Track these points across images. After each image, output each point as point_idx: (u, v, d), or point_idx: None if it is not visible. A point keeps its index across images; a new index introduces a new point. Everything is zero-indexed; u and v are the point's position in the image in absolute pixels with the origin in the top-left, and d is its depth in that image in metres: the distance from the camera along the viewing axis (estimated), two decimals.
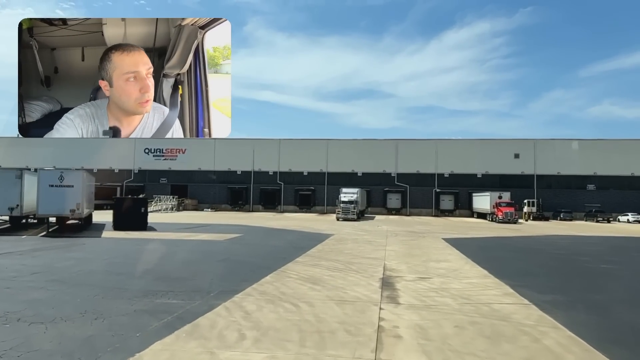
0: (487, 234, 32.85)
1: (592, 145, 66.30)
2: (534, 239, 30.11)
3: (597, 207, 63.10)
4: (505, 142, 69.20)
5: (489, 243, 26.13)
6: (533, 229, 40.25)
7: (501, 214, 51.93)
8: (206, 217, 50.56)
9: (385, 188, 70.07)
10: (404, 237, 27.98)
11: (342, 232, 30.92)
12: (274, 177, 71.35)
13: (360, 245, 22.78)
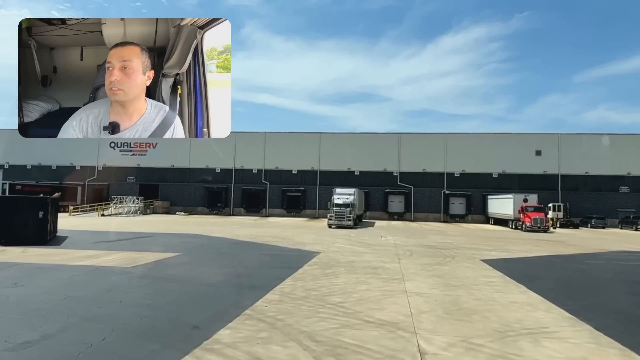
0: (534, 251, 23.68)
1: (625, 140, 57.32)
2: (608, 259, 20.93)
3: (633, 212, 54.07)
4: (524, 137, 60.13)
5: (562, 270, 16.91)
6: (582, 242, 31.09)
7: (529, 220, 42.81)
8: (170, 223, 41.23)
9: (386, 189, 60.87)
10: (424, 258, 18.74)
11: (333, 248, 21.67)
12: (258, 176, 62.01)
13: (359, 277, 13.53)
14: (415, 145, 60.91)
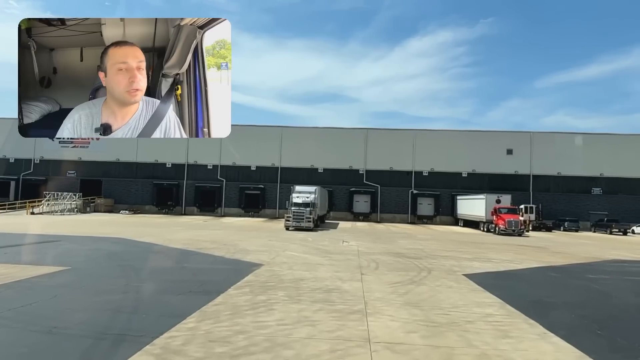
0: (519, 260, 20.13)
1: (598, 140, 55.44)
2: (612, 271, 17.49)
3: (605, 215, 52.18)
4: (495, 135, 57.45)
5: (571, 291, 13.17)
6: (565, 248, 27.97)
7: (503, 223, 39.74)
8: (102, 223, 36.06)
9: (351, 188, 57.08)
10: (394, 273, 14.75)
11: (282, 258, 17.43)
12: (213, 172, 57.03)
13: (303, 310, 9.38)
14: (383, 142, 57.35)
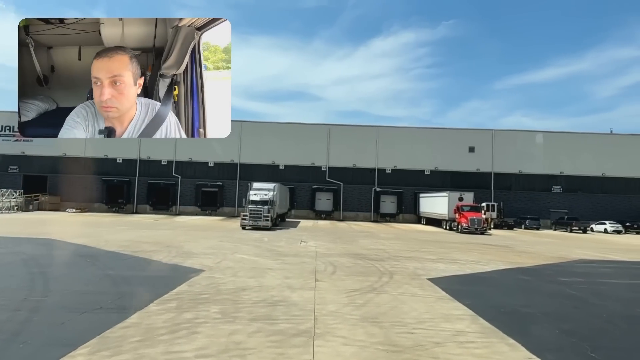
0: (486, 261, 18.96)
1: (558, 139, 55.78)
2: (584, 273, 16.47)
3: (565, 213, 52.57)
4: (458, 133, 56.96)
5: (546, 298, 11.87)
6: (529, 247, 27.22)
7: (465, 221, 39.00)
8: (41, 222, 33.05)
9: (313, 185, 55.38)
10: (352, 279, 13.14)
11: (228, 262, 15.54)
12: (167, 169, 54.12)
13: (235, 332, 7.61)
14: (346, 139, 55.93)
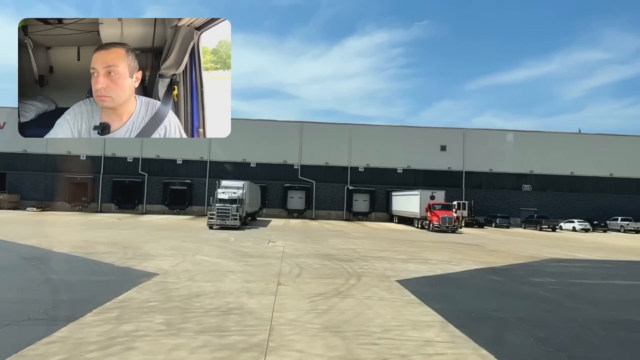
0: (457, 260, 18.52)
1: (528, 138, 56.40)
2: (555, 273, 16.16)
3: (535, 211, 53.17)
4: (430, 131, 56.95)
5: (519, 301, 11.36)
6: (500, 245, 27.08)
7: (437, 219, 38.85)
8: None
9: (285, 184, 54.52)
10: (318, 282, 12.41)
11: (186, 264, 14.59)
12: (134, 166, 52.33)
13: (178, 347, 6.76)
14: (319, 137, 55.20)
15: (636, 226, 49.50)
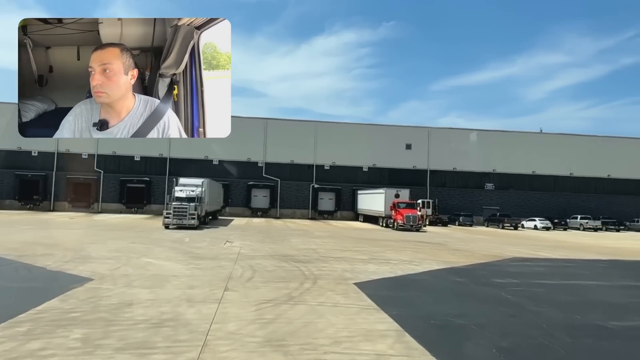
0: (419, 260, 17.97)
1: (491, 137, 57.02)
2: (518, 274, 15.78)
3: (497, 209, 53.81)
4: (395, 130, 56.85)
5: (481, 305, 10.76)
6: (463, 244, 26.84)
7: (401, 218, 38.54)
8: None
9: (249, 182, 53.27)
10: (269, 286, 11.52)
11: (126, 269, 13.43)
12: (89, 163, 49.97)
13: None
14: (284, 134, 54.18)
15: (595, 224, 50.69)
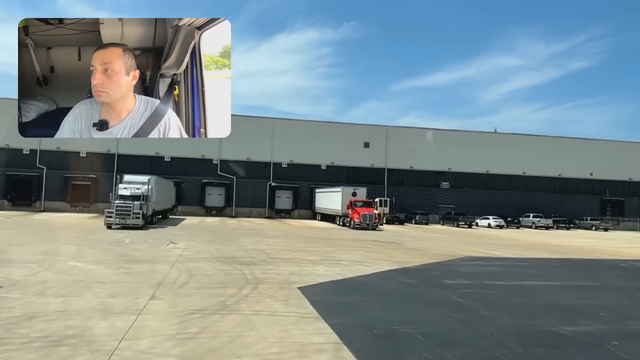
0: (371, 260, 17.33)
1: (447, 136, 57.64)
2: (469, 274, 15.37)
3: (453, 208, 54.39)
4: (354, 128, 56.60)
5: (430, 310, 10.11)
6: (417, 243, 26.53)
7: (358, 217, 38.07)
8: None
9: (204, 179, 51.64)
10: (203, 292, 10.51)
11: (45, 274, 12.06)
12: (31, 159, 47.03)
13: None
14: (240, 130, 52.27)
15: (546, 223, 52.01)
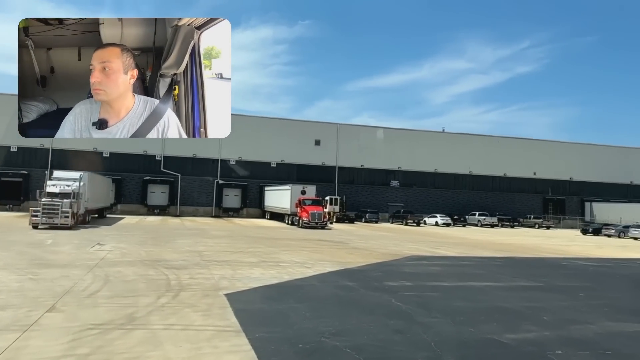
0: (313, 261, 16.49)
1: (397, 135, 57.89)
2: (413, 275, 14.80)
3: (402, 206, 54.65)
4: (305, 125, 55.88)
5: (369, 317, 9.31)
6: (364, 242, 26.00)
7: (306, 215, 37.24)
8: None
9: (146, 177, 49.25)
10: (112, 302, 9.27)
11: None
12: None
13: None
14: None
15: (491, 221, 53.21)
